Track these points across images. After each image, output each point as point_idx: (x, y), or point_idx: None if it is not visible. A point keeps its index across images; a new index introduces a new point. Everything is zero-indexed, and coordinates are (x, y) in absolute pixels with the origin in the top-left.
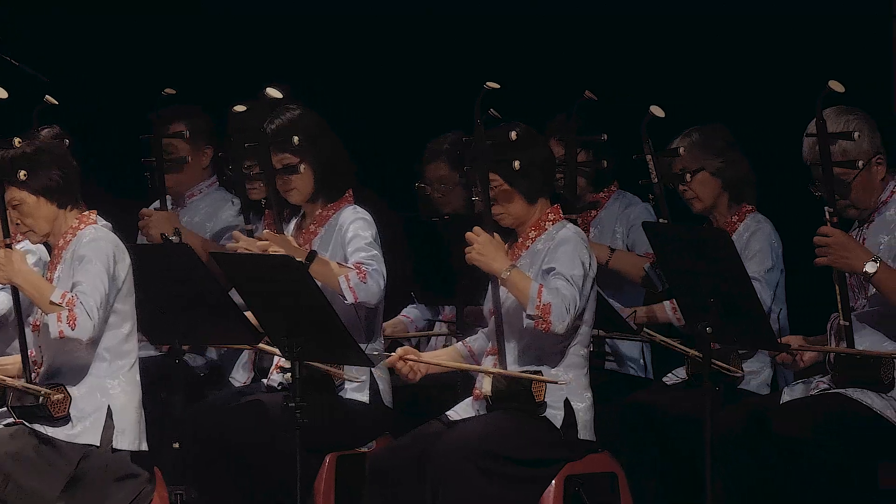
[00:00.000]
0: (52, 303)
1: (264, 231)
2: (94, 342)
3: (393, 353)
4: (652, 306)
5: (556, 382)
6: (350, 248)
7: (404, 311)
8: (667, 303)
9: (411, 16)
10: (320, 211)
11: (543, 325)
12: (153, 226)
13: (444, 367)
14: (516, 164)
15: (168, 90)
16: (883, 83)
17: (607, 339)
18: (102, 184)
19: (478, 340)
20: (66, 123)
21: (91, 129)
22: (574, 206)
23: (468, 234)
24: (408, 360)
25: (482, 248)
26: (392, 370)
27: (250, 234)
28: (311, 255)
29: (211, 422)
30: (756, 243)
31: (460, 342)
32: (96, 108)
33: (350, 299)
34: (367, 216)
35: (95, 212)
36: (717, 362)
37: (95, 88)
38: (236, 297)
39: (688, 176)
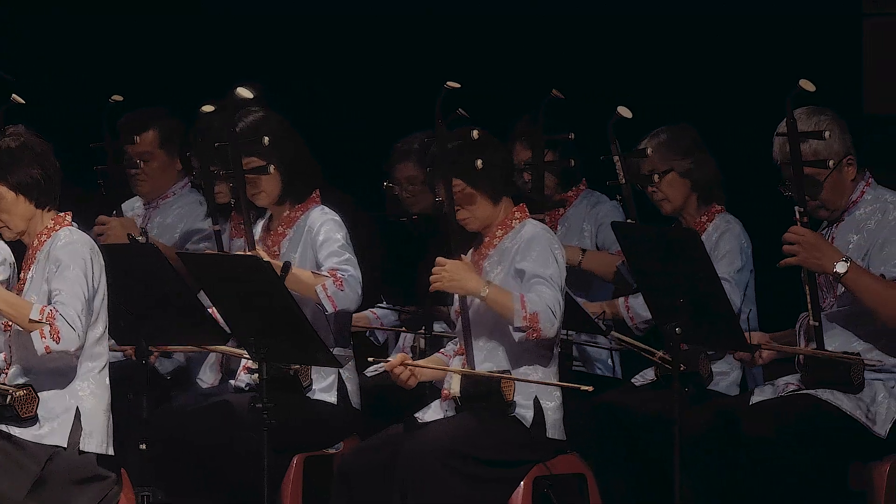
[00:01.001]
0: (31, 321)
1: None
2: (83, 350)
3: (391, 359)
4: (612, 301)
5: (522, 380)
6: (322, 252)
7: (372, 309)
8: (621, 299)
9: (380, 16)
10: (288, 212)
11: (535, 335)
12: (111, 233)
13: (438, 374)
14: (479, 163)
15: (115, 97)
16: (853, 83)
17: (575, 345)
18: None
19: (453, 348)
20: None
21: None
22: (542, 206)
23: (434, 267)
24: (407, 365)
25: (452, 273)
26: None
27: (218, 235)
28: (286, 267)
29: (178, 423)
30: (725, 244)
31: (439, 352)
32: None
33: (329, 309)
34: (336, 217)
35: (70, 214)
36: (621, 337)
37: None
38: (204, 298)
39: (656, 177)
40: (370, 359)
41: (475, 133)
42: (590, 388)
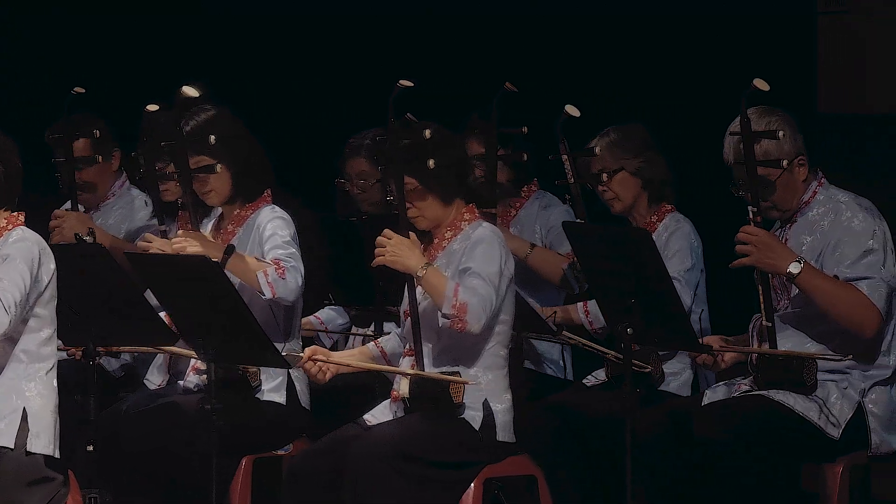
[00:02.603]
0: None
1: (179, 231)
2: (12, 341)
3: (301, 353)
4: (566, 307)
5: (470, 383)
6: (267, 245)
7: (317, 313)
8: (579, 304)
9: (331, 15)
10: (238, 211)
11: (459, 325)
12: (66, 226)
13: (354, 368)
14: (430, 163)
15: (77, 89)
16: (807, 82)
17: (528, 338)
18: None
19: (390, 341)
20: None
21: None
22: (492, 200)
23: (379, 237)
24: (317, 360)
25: (395, 248)
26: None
27: (164, 234)
28: (229, 250)
29: (125, 424)
30: (675, 243)
31: (372, 342)
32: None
33: (268, 294)
34: (286, 216)
35: (24, 213)
36: (570, 335)
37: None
38: (152, 298)
39: (605, 176)
40: (284, 353)
41: (427, 132)
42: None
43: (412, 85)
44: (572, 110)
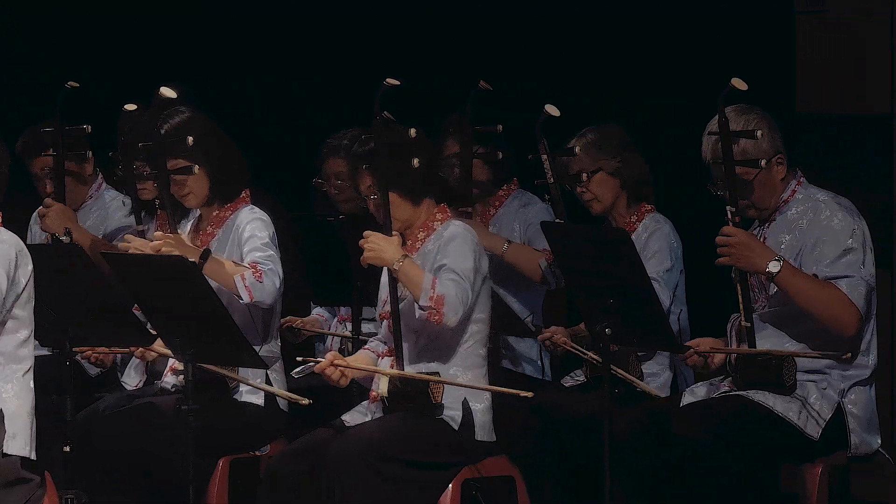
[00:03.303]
0: None
1: (156, 232)
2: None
3: (322, 360)
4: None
5: (452, 383)
6: (246, 247)
7: (316, 311)
8: None
9: (307, 16)
10: (217, 213)
11: (436, 317)
12: (52, 215)
13: (368, 372)
14: (415, 162)
15: (71, 83)
16: (785, 82)
17: (505, 337)
18: None
19: (380, 344)
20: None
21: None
22: (468, 199)
23: (361, 241)
24: (338, 365)
25: (373, 242)
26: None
27: (142, 234)
28: (206, 254)
29: (102, 425)
30: (655, 243)
31: (364, 348)
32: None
33: (245, 298)
34: (265, 217)
35: (1, 213)
36: (616, 369)
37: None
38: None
39: (585, 176)
40: (298, 358)
41: (412, 132)
42: (530, 394)
43: (399, 83)
44: (552, 110)
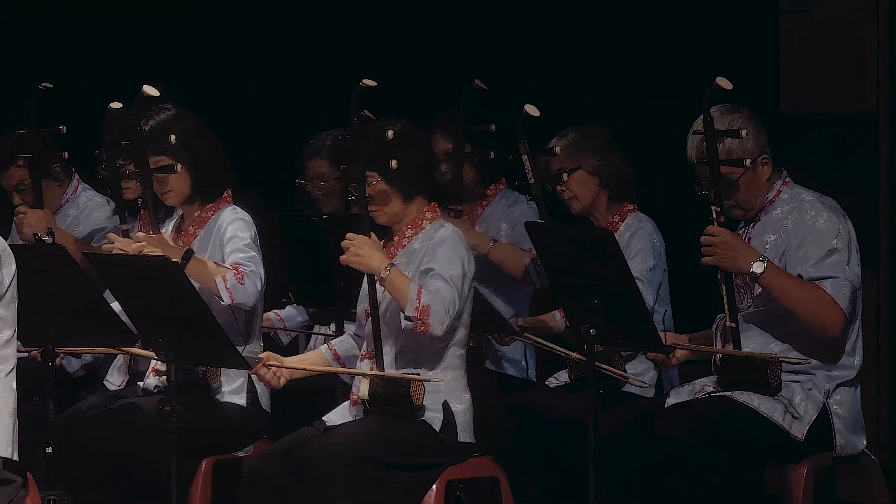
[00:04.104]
0: None
1: (139, 232)
2: None
3: (258, 357)
4: (540, 316)
5: (430, 381)
6: (228, 248)
7: (277, 311)
8: (556, 312)
9: (293, 15)
10: (199, 212)
11: (422, 328)
12: (28, 223)
13: (309, 372)
14: (393, 163)
15: (45, 84)
16: (770, 81)
17: (489, 339)
18: None
19: (344, 343)
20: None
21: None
22: (458, 197)
23: (344, 241)
24: (270, 365)
25: (358, 248)
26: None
27: (126, 234)
28: (188, 254)
29: (85, 426)
30: (637, 242)
31: (324, 345)
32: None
33: (227, 300)
34: (247, 217)
35: None
36: (601, 365)
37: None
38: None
39: (564, 175)
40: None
41: (390, 132)
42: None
43: (375, 84)
44: (532, 110)
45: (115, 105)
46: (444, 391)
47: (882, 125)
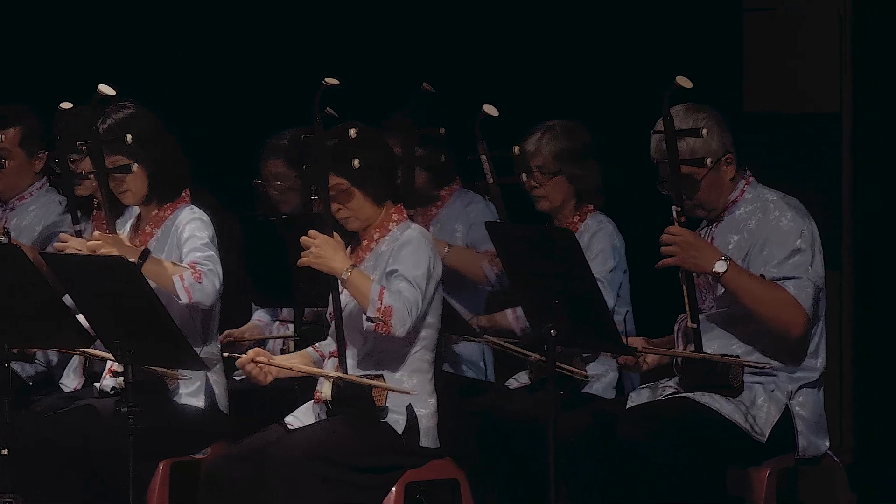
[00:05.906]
0: None
1: (95, 232)
2: None
3: (244, 355)
4: (493, 315)
5: (396, 390)
6: (185, 248)
7: (257, 316)
8: (509, 311)
9: (249, 12)
10: (156, 212)
11: (384, 329)
12: None
13: (296, 372)
14: (356, 162)
15: None
16: (733, 80)
17: (447, 340)
18: None
19: (331, 345)
20: None
21: None
22: (411, 201)
23: (303, 238)
24: (259, 362)
25: (320, 248)
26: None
27: (78, 234)
28: (145, 254)
29: (40, 427)
30: (597, 243)
31: (311, 346)
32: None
33: (184, 299)
34: (205, 217)
35: None
36: (561, 365)
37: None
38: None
39: (543, 175)
40: (226, 354)
41: (353, 132)
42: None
43: (338, 83)
44: (490, 109)
45: (66, 105)
46: (408, 395)
47: (845, 125)
